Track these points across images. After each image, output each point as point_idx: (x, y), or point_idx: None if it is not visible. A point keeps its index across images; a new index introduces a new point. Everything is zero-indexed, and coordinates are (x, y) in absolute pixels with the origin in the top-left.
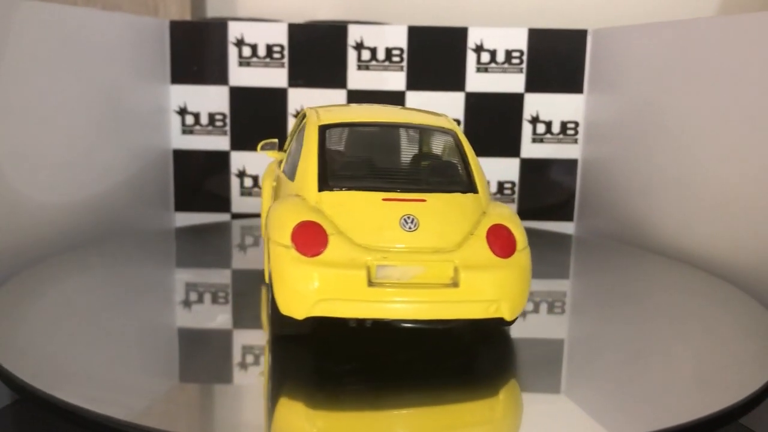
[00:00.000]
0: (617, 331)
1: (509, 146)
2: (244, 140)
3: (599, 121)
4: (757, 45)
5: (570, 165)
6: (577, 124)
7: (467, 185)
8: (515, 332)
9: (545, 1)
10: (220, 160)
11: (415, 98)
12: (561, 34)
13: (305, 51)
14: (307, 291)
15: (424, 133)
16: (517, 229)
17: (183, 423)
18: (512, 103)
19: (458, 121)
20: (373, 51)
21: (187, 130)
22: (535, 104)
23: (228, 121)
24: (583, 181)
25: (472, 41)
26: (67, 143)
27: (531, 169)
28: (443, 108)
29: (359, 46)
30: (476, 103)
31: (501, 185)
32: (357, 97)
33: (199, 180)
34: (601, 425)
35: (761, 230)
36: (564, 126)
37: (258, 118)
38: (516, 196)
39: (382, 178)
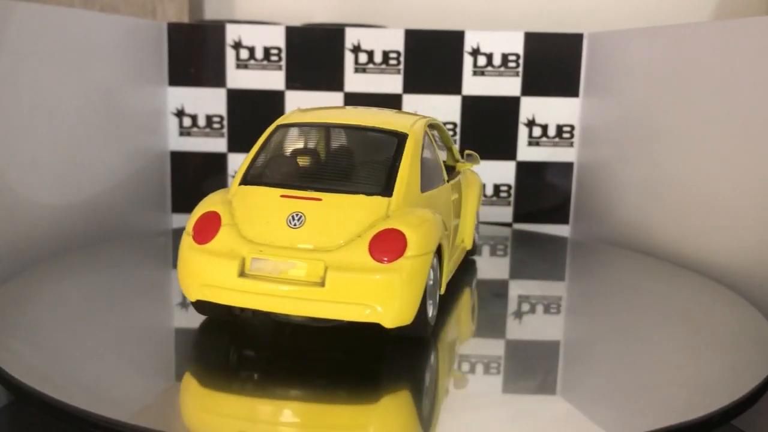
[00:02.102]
0: (612, 333)
1: (505, 149)
2: (241, 142)
3: (595, 124)
4: (751, 50)
5: (566, 168)
6: (572, 127)
7: (380, 188)
8: (511, 333)
9: (541, 5)
10: (218, 161)
11: (411, 101)
12: (557, 38)
13: (302, 54)
14: (191, 275)
15: (370, 135)
16: (417, 236)
17: (180, 423)
18: (508, 106)
19: (454, 124)
20: (371, 54)
21: (184, 131)
22: (531, 107)
23: (225, 123)
24: (579, 184)
25: (468, 45)
26: (64, 145)
27: (527, 172)
28: (439, 111)
29: (356, 49)
30: (473, 107)
31: (497, 188)
32: (354, 99)
33: (197, 182)
34: (595, 426)
35: (756, 233)
36: (560, 129)
37: (255, 120)
38: (512, 199)
39: (298, 176)
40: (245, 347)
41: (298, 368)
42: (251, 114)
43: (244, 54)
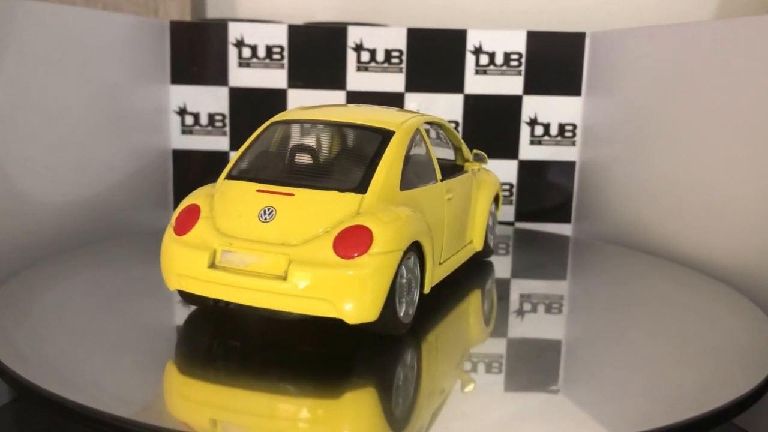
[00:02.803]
0: (613, 332)
1: (507, 148)
2: (243, 141)
3: (597, 123)
4: (753, 49)
5: (568, 167)
6: (574, 126)
7: (354, 185)
8: (513, 332)
9: (544, 4)
10: (220, 160)
11: (414, 100)
12: (559, 37)
13: (305, 52)
14: (169, 266)
15: (356, 132)
16: (384, 233)
17: (183, 419)
18: (510, 105)
19: (456, 123)
20: (373, 52)
21: (186, 130)
22: (534, 106)
23: (227, 121)
24: (581, 183)
25: (471, 43)
26: (66, 143)
27: (529, 171)
28: (442, 110)
29: (359, 48)
30: (475, 105)
31: None
32: (356, 98)
33: (199, 180)
34: (596, 423)
35: (758, 232)
36: (562, 128)
37: (257, 118)
38: (514, 197)
39: (276, 171)
40: (231, 338)
41: (278, 360)
42: (253, 112)
43: (246, 52)
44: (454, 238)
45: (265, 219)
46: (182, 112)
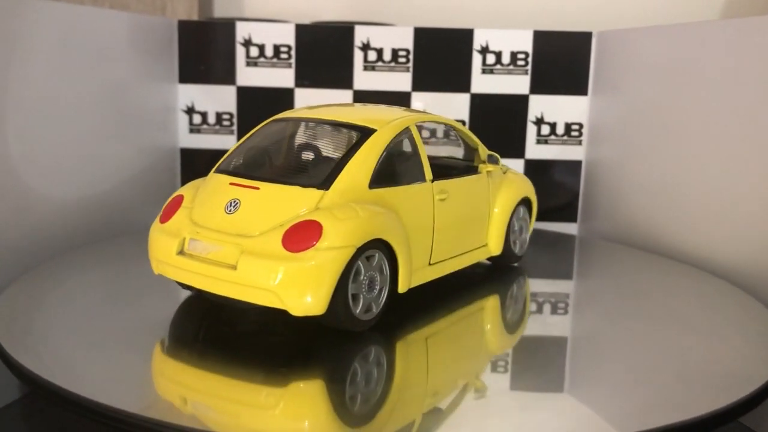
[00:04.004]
0: (619, 331)
1: (514, 147)
2: None
3: (603, 123)
4: (761, 48)
5: (574, 166)
6: (581, 125)
7: (319, 181)
8: (518, 331)
9: (550, 3)
10: None
11: (420, 99)
12: (566, 36)
13: (312, 51)
14: (150, 251)
15: (339, 129)
16: (335, 228)
17: (191, 416)
18: (517, 104)
19: (463, 122)
20: (380, 52)
21: (194, 129)
22: (540, 106)
23: (235, 120)
24: (587, 182)
25: (477, 43)
26: (75, 142)
27: (535, 170)
28: (448, 109)
29: (366, 47)
30: (481, 105)
31: None
32: (363, 97)
33: None
34: (602, 422)
35: (765, 232)
36: (568, 127)
37: (265, 117)
38: None
39: (251, 166)
40: (218, 325)
41: (255, 347)
42: (261, 111)
43: (254, 51)
44: (453, 240)
45: (230, 210)
46: (190, 110)
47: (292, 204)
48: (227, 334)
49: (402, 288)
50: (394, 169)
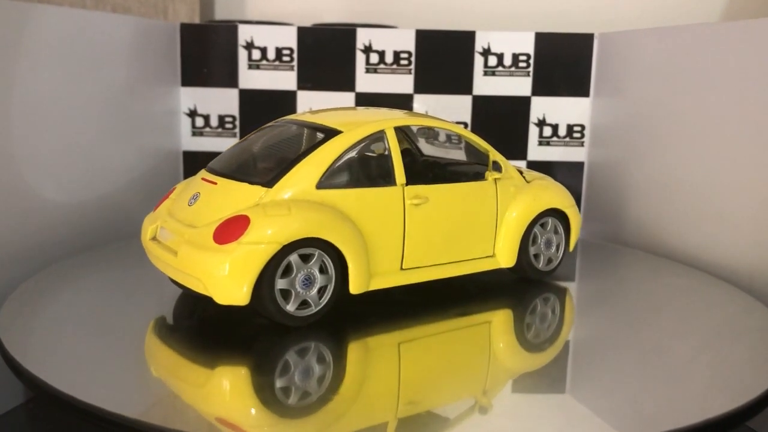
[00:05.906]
0: (622, 333)
1: (516, 149)
2: None
3: (605, 124)
4: (761, 50)
5: (576, 168)
6: (583, 127)
7: (266, 179)
8: (518, 331)
9: (552, 5)
10: None
11: (422, 101)
12: (568, 38)
13: (314, 54)
14: (141, 238)
15: (309, 131)
16: (262, 224)
17: (196, 421)
18: (519, 106)
19: (465, 124)
20: (382, 54)
21: (197, 131)
22: (542, 107)
23: (238, 123)
24: (589, 184)
25: (479, 45)
26: (78, 145)
27: (537, 171)
28: (450, 111)
29: (368, 50)
30: (483, 107)
31: None
32: (365, 100)
33: None
34: (606, 425)
35: None
36: (570, 129)
37: (267, 120)
38: None
39: (224, 164)
40: (224, 329)
41: (257, 355)
42: (263, 114)
43: (256, 54)
44: (435, 247)
45: (191, 203)
46: (192, 113)
47: (238, 199)
48: (235, 339)
49: (355, 289)
50: (354, 172)
